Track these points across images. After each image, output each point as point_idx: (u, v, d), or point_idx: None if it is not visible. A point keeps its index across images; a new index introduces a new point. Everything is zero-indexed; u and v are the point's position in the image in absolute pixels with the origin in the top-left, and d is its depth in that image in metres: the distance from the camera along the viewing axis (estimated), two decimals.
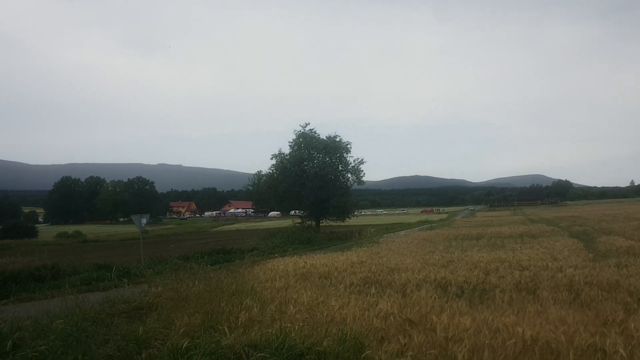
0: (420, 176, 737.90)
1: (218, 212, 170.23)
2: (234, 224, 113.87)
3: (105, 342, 7.74)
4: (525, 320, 7.49)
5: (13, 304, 13.14)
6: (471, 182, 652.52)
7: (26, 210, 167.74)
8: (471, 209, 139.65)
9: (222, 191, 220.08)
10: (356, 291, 11.68)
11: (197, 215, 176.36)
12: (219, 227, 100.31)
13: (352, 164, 51.39)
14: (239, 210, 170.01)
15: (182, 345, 6.47)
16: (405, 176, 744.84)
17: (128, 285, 17.53)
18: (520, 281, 11.99)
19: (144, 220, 27.85)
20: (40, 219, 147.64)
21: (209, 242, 45.69)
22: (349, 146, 50.85)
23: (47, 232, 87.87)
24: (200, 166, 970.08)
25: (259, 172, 57.50)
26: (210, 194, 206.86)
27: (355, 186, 54.74)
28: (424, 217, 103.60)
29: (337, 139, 50.58)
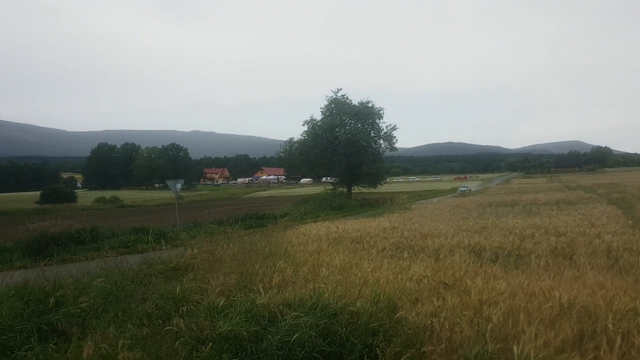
0: (454, 143, 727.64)
1: (250, 178, 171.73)
2: (266, 190, 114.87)
3: (144, 301, 7.96)
4: (561, 284, 7.38)
5: (56, 264, 13.59)
6: (506, 149, 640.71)
7: (65, 176, 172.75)
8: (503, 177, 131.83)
9: (255, 158, 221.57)
10: (388, 255, 11.69)
11: (230, 181, 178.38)
12: (251, 194, 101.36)
13: (385, 130, 50.87)
14: (271, 177, 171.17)
15: (219, 304, 6.60)
16: (439, 143, 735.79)
17: (164, 247, 17.93)
18: (556, 247, 11.78)
19: (178, 185, 28.27)
20: (79, 185, 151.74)
21: (242, 208, 46.24)
22: (381, 112, 50.26)
23: (85, 197, 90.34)
24: (233, 133, 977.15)
25: (291, 138, 57.39)
26: (242, 161, 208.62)
27: (388, 153, 54.26)
28: (457, 184, 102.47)
29: (370, 105, 50.01)
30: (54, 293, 7.74)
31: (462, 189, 66.64)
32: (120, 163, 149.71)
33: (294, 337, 5.27)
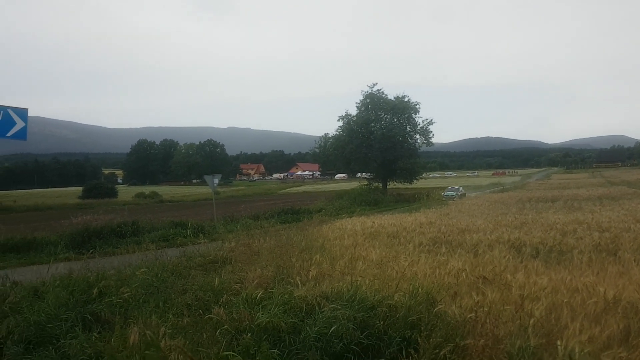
0: (492, 137, 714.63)
1: (285, 174, 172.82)
2: (300, 186, 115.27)
3: (184, 292, 8.10)
4: (606, 280, 7.17)
5: (98, 257, 13.98)
6: (547, 144, 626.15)
7: (106, 171, 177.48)
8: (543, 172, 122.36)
9: (290, 154, 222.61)
10: (425, 250, 11.57)
11: (265, 177, 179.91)
12: (287, 189, 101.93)
13: (421, 125, 50.35)
14: (306, 172, 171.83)
15: (257, 296, 6.67)
16: (476, 137, 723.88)
17: (202, 241, 18.21)
18: (599, 243, 11.45)
19: (215, 180, 28.70)
20: (119, 180, 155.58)
21: (277, 203, 46.53)
22: (417, 106, 49.72)
23: (125, 192, 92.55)
24: (269, 129, 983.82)
25: (326, 134, 57.66)
26: (278, 157, 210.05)
27: (424, 148, 53.73)
28: (495, 179, 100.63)
29: (406, 99, 49.56)
30: (97, 284, 7.95)
31: (449, 193, 46.83)
32: (159, 159, 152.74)
33: (332, 329, 5.27)
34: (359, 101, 50.57)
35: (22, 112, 5.37)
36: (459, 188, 50.25)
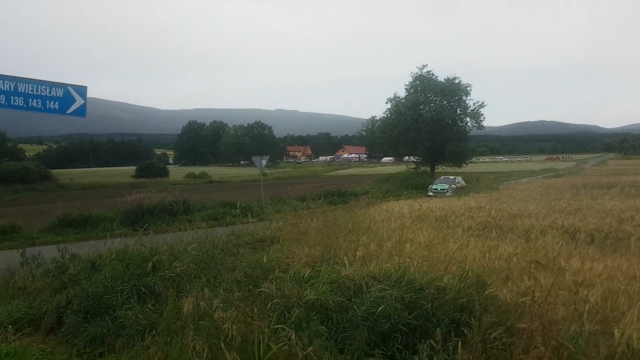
0: (545, 121, 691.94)
1: (332, 156, 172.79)
2: (347, 168, 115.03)
3: (233, 269, 8.28)
4: None
5: (154, 233, 14.41)
6: (604, 128, 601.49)
7: (158, 152, 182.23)
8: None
9: (337, 136, 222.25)
10: (475, 234, 11.38)
11: (312, 159, 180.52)
12: (333, 172, 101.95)
13: (472, 108, 49.16)
14: (352, 155, 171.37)
15: (304, 274, 6.73)
16: (529, 121, 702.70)
17: (251, 221, 18.50)
18: None
19: (263, 161, 29.04)
20: (171, 161, 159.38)
21: (324, 185, 46.66)
22: (468, 88, 48.50)
23: (176, 172, 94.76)
24: (316, 111, 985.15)
25: (373, 117, 57.41)
26: (324, 139, 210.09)
27: (474, 131, 52.51)
28: (548, 164, 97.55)
29: (456, 81, 48.44)
30: (151, 258, 8.21)
31: (439, 186, 35.39)
32: (208, 140, 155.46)
33: (380, 308, 5.27)
34: (408, 83, 49.86)
35: (82, 90, 5.55)
36: (455, 178, 38.33)
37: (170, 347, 4.08)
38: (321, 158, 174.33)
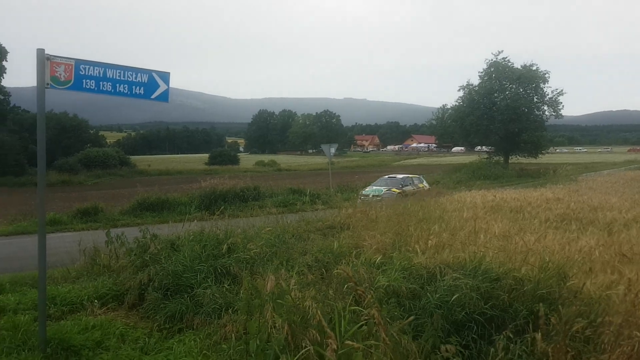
0: (629, 111, 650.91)
1: (400, 146, 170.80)
2: (415, 158, 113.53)
3: (304, 253, 8.40)
4: None
5: (228, 218, 14.85)
6: None
7: (229, 140, 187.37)
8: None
9: (405, 125, 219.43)
10: (552, 227, 10.92)
11: (380, 149, 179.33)
12: (401, 161, 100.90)
13: (550, 96, 46.97)
14: (421, 144, 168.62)
15: (376, 260, 6.73)
16: (611, 110, 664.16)
17: (319, 208, 18.65)
18: None
19: (332, 149, 29.20)
20: (241, 149, 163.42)
21: None
22: (546, 75, 46.32)
23: (246, 160, 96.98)
24: (384, 100, 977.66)
25: (444, 105, 56.20)
26: (393, 128, 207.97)
27: (552, 120, 50.23)
28: (631, 156, 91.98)
29: (534, 68, 46.43)
30: (226, 240, 8.46)
31: (372, 190, 24.51)
32: (277, 129, 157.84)
33: (454, 297, 5.18)
34: (482, 70, 48.32)
35: (165, 76, 5.77)
36: (406, 179, 26.31)
37: (250, 322, 4.20)
38: (389, 147, 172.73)
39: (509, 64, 47.18)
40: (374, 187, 25.41)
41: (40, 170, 5.69)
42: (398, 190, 24.07)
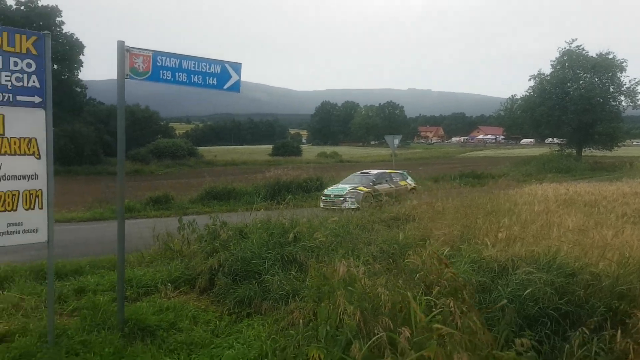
0: None
1: (466, 137, 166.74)
2: (482, 150, 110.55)
3: (369, 244, 8.39)
4: None
5: (292, 207, 15.08)
6: None
7: (292, 132, 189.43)
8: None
9: (471, 116, 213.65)
10: (630, 222, 10.37)
11: (444, 140, 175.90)
12: (466, 153, 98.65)
13: (627, 85, 44.50)
14: (488, 136, 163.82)
15: (443, 252, 6.62)
16: None
17: (383, 199, 18.55)
18: None
19: (396, 141, 28.96)
20: (304, 140, 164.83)
21: (456, 167, 45.40)
22: (623, 64, 43.88)
23: (309, 151, 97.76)
24: (450, 90, 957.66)
25: (513, 96, 54.35)
26: (458, 120, 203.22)
27: (629, 111, 47.60)
28: None
29: (610, 56, 44.07)
30: (292, 229, 8.59)
31: (332, 190, 20.43)
32: (340, 120, 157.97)
33: (527, 291, 5.03)
34: (554, 59, 46.36)
35: (237, 66, 5.90)
36: (382, 174, 22.38)
37: (320, 309, 4.26)
38: (454, 139, 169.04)
39: (584, 52, 45.04)
40: (339, 186, 21.38)
41: (120, 159, 5.98)
42: (367, 189, 20.15)
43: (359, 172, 23.55)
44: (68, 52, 52.74)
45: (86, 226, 17.22)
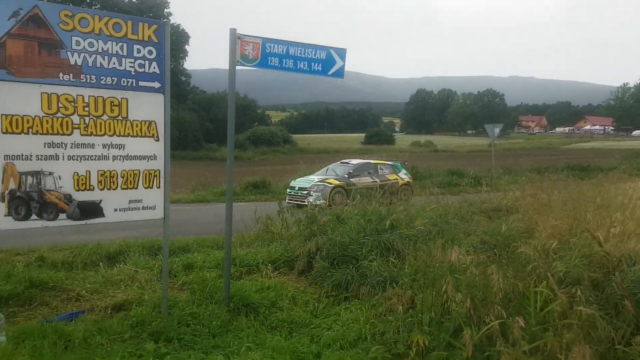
0: None
1: (571, 128, 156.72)
2: (588, 141, 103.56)
3: (468, 235, 8.18)
4: None
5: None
6: None
7: (385, 120, 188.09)
8: None
9: (577, 106, 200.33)
10: None
11: (547, 131, 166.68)
12: (571, 144, 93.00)
13: None
14: (596, 127, 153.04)
15: (550, 245, 6.33)
16: None
17: (482, 190, 17.99)
18: None
19: (496, 130, 27.90)
20: (397, 129, 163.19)
21: (561, 158, 43.01)
22: None
23: (402, 140, 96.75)
24: (554, 78, 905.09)
25: (625, 84, 50.38)
26: (563, 109, 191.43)
27: None
28: None
29: None
30: (389, 217, 8.57)
31: (297, 182, 18.61)
32: (436, 109, 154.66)
33: None
34: None
35: (342, 52, 5.96)
36: (363, 165, 19.50)
37: (425, 295, 4.24)
38: (558, 129, 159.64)
39: None
40: (309, 177, 19.24)
41: (230, 143, 6.28)
42: (338, 183, 17.54)
43: (339, 162, 21.08)
44: (175, 42, 55.82)
45: (191, 207, 18.22)
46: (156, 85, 5.34)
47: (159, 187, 5.51)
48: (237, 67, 5.90)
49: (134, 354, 4.78)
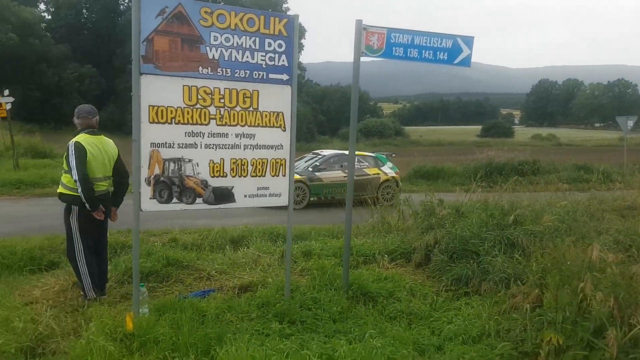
0: None
1: None
2: None
3: (600, 233, 7.63)
4: None
5: (505, 191, 14.47)
6: None
7: (504, 112, 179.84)
8: None
9: None
10: None
11: None
12: None
13: None
14: None
15: None
16: None
17: (614, 187, 16.66)
18: None
19: (630, 123, 25.67)
20: (516, 121, 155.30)
21: None
22: None
23: (521, 133, 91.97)
24: None
25: None
26: None
27: None
28: None
29: None
30: (512, 212, 8.21)
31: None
32: (559, 100, 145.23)
33: None
34: None
35: (469, 40, 5.80)
36: (335, 157, 16.84)
37: (560, 293, 4.04)
38: None
39: None
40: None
41: (352, 133, 6.37)
42: (299, 177, 15.24)
43: (311, 152, 18.52)
44: None
45: None
46: (285, 77, 5.54)
47: (284, 176, 5.74)
48: (361, 58, 5.96)
49: (261, 332, 5.04)
